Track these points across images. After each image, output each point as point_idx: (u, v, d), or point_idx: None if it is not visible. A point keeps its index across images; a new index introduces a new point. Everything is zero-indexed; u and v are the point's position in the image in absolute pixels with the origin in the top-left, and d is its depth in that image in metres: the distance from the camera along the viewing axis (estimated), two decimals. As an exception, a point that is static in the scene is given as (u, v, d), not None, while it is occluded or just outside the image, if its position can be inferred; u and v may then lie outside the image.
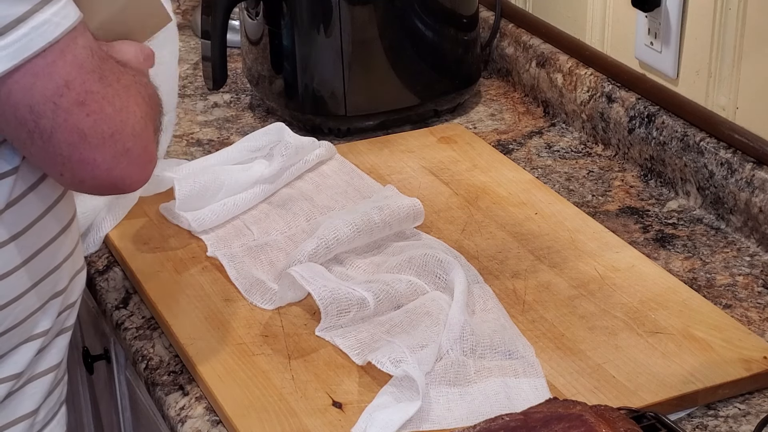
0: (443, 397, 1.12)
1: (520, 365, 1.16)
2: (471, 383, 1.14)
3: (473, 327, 1.19)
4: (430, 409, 1.11)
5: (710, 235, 1.42)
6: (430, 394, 1.12)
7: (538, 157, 1.62)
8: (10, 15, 0.95)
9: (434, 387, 1.13)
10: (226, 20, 1.66)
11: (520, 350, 1.18)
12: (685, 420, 1.11)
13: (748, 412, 1.13)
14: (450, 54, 1.71)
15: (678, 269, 1.35)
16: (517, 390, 1.13)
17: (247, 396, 1.14)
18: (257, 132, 1.53)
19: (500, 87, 1.83)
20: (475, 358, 1.17)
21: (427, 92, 1.71)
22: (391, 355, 1.13)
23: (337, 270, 1.31)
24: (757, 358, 1.16)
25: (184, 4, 2.17)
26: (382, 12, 1.64)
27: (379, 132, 1.68)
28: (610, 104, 1.61)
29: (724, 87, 1.44)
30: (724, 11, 1.41)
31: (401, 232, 1.38)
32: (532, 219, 1.43)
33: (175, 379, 1.21)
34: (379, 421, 1.08)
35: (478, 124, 1.72)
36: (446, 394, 1.12)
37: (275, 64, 1.69)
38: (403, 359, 1.13)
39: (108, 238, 1.42)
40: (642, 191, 1.53)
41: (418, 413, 1.09)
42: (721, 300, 1.29)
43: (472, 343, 1.17)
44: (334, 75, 1.64)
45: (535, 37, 1.78)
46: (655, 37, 1.53)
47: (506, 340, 1.19)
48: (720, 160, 1.43)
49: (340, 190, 1.49)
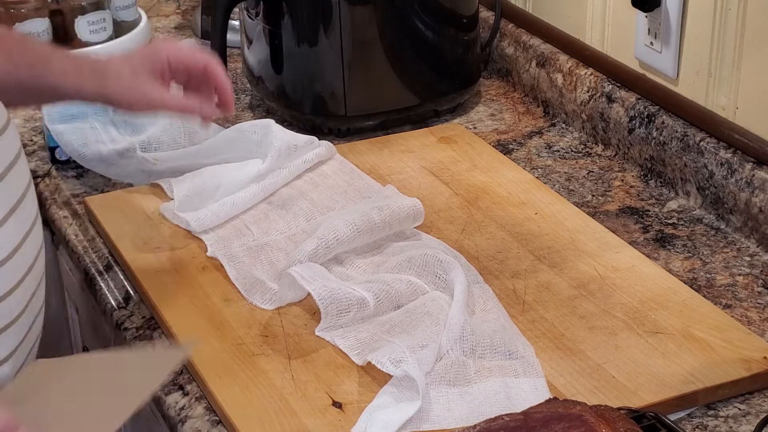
0: (443, 397, 1.12)
1: (520, 365, 1.16)
2: (471, 383, 1.14)
3: (473, 327, 1.19)
4: (430, 409, 1.11)
5: (710, 235, 1.42)
6: (430, 394, 1.12)
7: (538, 157, 1.62)
8: None
9: (434, 387, 1.13)
10: (226, 20, 1.66)
11: (520, 350, 1.18)
12: (685, 420, 1.11)
13: (748, 412, 1.13)
14: (450, 54, 1.71)
15: (678, 269, 1.35)
16: (517, 390, 1.13)
17: (247, 396, 1.14)
18: (245, 125, 1.54)
19: (500, 87, 1.83)
20: (475, 358, 1.17)
21: (427, 92, 1.71)
22: (391, 355, 1.13)
23: (337, 270, 1.31)
24: (757, 358, 1.16)
25: (184, 4, 2.17)
26: (382, 12, 1.64)
27: (379, 132, 1.68)
28: (610, 104, 1.61)
29: (724, 87, 1.44)
30: (724, 11, 1.41)
31: (401, 232, 1.38)
32: (532, 219, 1.43)
33: (174, 379, 1.20)
34: (379, 421, 1.08)
35: (478, 124, 1.72)
36: (446, 394, 1.12)
37: (275, 64, 1.69)
38: (403, 359, 1.13)
39: (108, 238, 1.42)
40: (642, 191, 1.53)
41: (418, 413, 1.09)
42: (721, 300, 1.29)
43: (472, 343, 1.17)
44: (334, 75, 1.64)
45: (535, 37, 1.78)
46: (655, 37, 1.53)
47: (506, 340, 1.19)
48: (720, 160, 1.43)
49: (340, 190, 1.49)
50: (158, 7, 2.17)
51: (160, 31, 2.07)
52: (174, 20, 2.12)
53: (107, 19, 1.89)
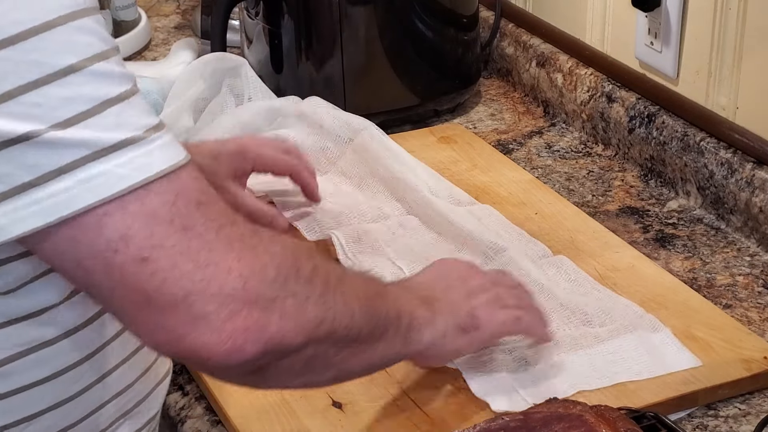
0: (580, 359, 1.14)
1: (640, 321, 1.19)
2: (604, 342, 1.16)
3: (575, 301, 1.22)
4: (577, 372, 1.13)
5: (710, 235, 1.42)
6: (570, 359, 1.14)
7: (538, 157, 1.62)
8: (48, 165, 0.79)
9: (568, 353, 1.15)
10: (226, 20, 1.66)
11: (627, 312, 1.21)
12: (685, 420, 1.11)
13: (748, 412, 1.13)
14: (450, 54, 1.71)
15: (678, 269, 1.35)
16: (650, 342, 1.16)
17: (247, 396, 1.14)
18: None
19: (500, 87, 1.83)
20: (595, 327, 1.19)
21: (427, 92, 1.70)
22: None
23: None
24: (757, 358, 1.16)
25: (184, 4, 2.17)
26: (382, 12, 1.64)
27: (379, 132, 1.68)
28: (610, 104, 1.61)
29: (724, 87, 1.44)
30: (724, 11, 1.41)
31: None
32: (532, 219, 1.43)
33: (174, 379, 1.20)
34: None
35: (478, 124, 1.72)
36: (586, 356, 1.14)
37: (275, 64, 1.69)
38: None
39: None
40: (642, 191, 1.53)
41: (561, 377, 1.12)
42: (721, 300, 1.29)
43: (581, 316, 1.20)
44: (334, 75, 1.64)
45: (535, 37, 1.78)
46: (655, 37, 1.53)
47: (610, 305, 1.22)
48: (720, 160, 1.43)
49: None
50: (158, 7, 2.17)
51: (160, 30, 2.06)
52: (174, 20, 2.12)
53: (107, 18, 1.89)
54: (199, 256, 0.82)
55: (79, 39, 0.81)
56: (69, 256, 0.81)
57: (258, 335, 0.83)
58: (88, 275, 0.82)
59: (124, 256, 0.80)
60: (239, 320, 0.82)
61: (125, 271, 0.81)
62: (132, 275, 0.81)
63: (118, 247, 0.80)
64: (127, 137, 0.81)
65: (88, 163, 0.80)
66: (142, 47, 1.98)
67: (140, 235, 0.80)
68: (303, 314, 0.86)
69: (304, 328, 0.86)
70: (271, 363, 0.86)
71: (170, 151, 0.83)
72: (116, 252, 0.80)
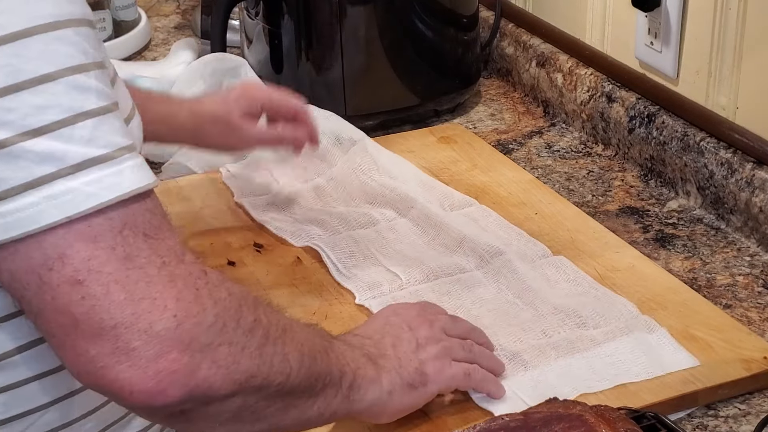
0: (578, 363, 1.14)
1: (635, 323, 1.19)
2: (600, 345, 1.16)
3: (570, 304, 1.22)
4: (575, 375, 1.13)
5: (710, 235, 1.42)
6: (575, 365, 1.14)
7: (538, 157, 1.62)
8: (15, 179, 0.78)
9: (564, 358, 1.14)
10: (226, 20, 1.66)
11: (624, 313, 1.21)
12: (685, 420, 1.11)
13: (748, 412, 1.13)
14: (450, 54, 1.71)
15: (678, 269, 1.35)
16: (647, 343, 1.16)
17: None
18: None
19: (500, 87, 1.83)
20: (589, 329, 1.19)
21: (427, 92, 1.71)
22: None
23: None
24: (757, 358, 1.16)
25: (184, 4, 2.17)
26: (382, 12, 1.64)
27: (379, 132, 1.68)
28: (610, 104, 1.61)
29: (724, 87, 1.44)
30: (724, 11, 1.41)
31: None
32: (532, 219, 1.43)
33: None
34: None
35: (478, 124, 1.72)
36: (587, 359, 1.14)
37: (275, 64, 1.69)
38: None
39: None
40: (642, 191, 1.53)
41: (563, 379, 1.11)
42: (721, 300, 1.29)
43: (576, 319, 1.20)
44: (334, 75, 1.64)
45: (535, 37, 1.78)
46: (655, 37, 1.53)
47: (607, 307, 1.22)
48: (720, 160, 1.43)
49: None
50: (158, 6, 2.17)
51: (160, 30, 2.07)
52: (174, 20, 2.12)
53: (107, 18, 1.89)
54: (135, 287, 0.80)
55: (58, 49, 0.80)
56: (5, 266, 0.80)
57: (184, 380, 0.81)
58: (22, 289, 0.80)
59: (59, 276, 0.79)
60: (166, 362, 0.80)
61: (57, 291, 0.79)
62: (63, 296, 0.79)
63: (54, 266, 0.79)
64: (98, 155, 0.80)
65: (57, 180, 0.78)
66: (142, 47, 1.98)
67: (79, 256, 0.79)
68: (235, 364, 0.84)
69: (234, 378, 0.84)
70: (195, 408, 0.84)
71: (140, 173, 0.82)
72: (51, 270, 0.79)
